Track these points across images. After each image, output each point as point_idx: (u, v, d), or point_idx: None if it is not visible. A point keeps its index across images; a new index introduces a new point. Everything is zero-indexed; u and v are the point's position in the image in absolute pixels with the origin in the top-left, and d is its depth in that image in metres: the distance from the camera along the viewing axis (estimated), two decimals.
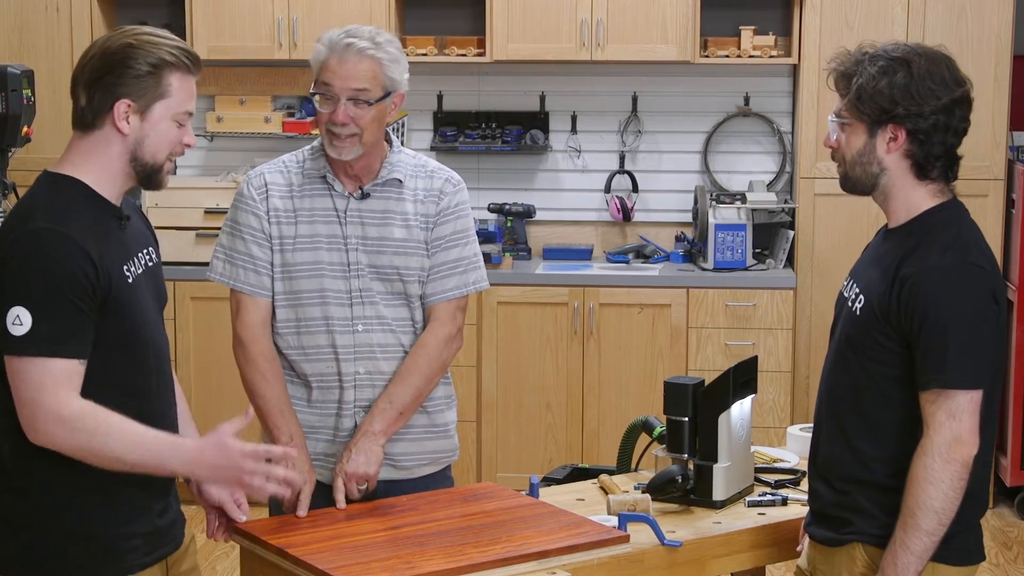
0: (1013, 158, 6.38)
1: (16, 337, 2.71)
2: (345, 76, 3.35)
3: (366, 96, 3.36)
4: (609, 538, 3.10)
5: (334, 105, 3.36)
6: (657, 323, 6.19)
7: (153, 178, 2.93)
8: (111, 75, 2.82)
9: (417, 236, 3.48)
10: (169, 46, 2.86)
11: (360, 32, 3.44)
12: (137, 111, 2.84)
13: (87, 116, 2.85)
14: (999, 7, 6.19)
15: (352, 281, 3.45)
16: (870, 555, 2.97)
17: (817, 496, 3.09)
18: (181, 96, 2.88)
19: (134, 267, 2.90)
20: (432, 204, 3.50)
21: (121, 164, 2.88)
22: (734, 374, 3.41)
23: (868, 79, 2.90)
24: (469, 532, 3.12)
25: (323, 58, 3.39)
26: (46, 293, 2.72)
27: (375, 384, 3.47)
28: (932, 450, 2.84)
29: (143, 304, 2.91)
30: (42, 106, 6.10)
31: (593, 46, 6.28)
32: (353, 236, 3.45)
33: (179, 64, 2.86)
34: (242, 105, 6.65)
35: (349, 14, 6.36)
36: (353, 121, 3.36)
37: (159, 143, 2.88)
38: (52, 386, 2.72)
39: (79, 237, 2.76)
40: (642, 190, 6.69)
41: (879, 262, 2.98)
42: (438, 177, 3.53)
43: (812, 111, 6.29)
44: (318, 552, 2.98)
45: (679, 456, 3.41)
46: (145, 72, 2.82)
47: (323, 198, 3.47)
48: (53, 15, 6.49)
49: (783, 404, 6.23)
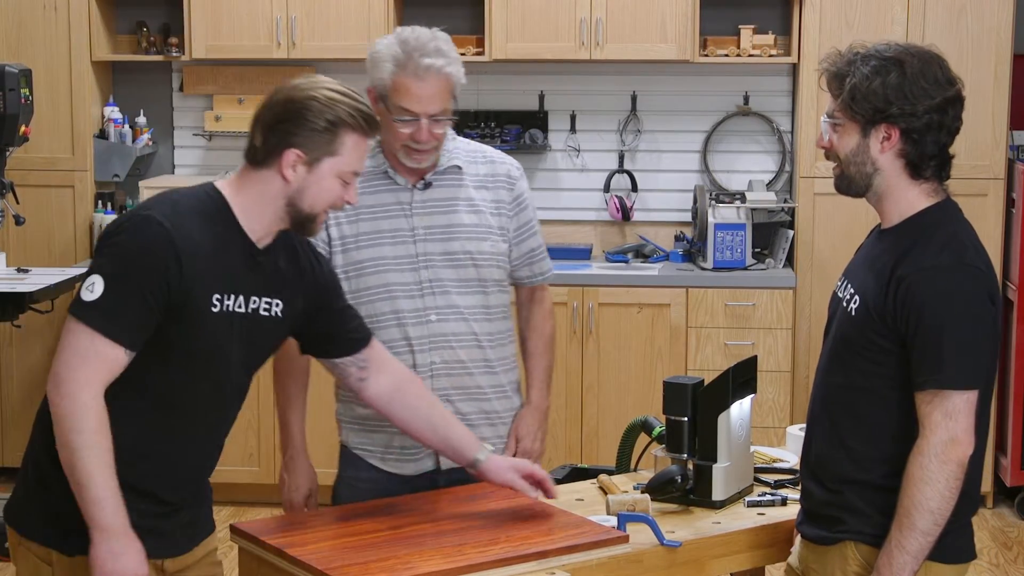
0: (1013, 157, 6.38)
1: (84, 301, 2.76)
2: (428, 100, 3.38)
3: (446, 113, 3.42)
4: (608, 538, 3.09)
5: (414, 127, 3.39)
6: (656, 323, 6.19)
7: (306, 226, 2.96)
8: (289, 123, 2.87)
9: (488, 221, 3.55)
10: (350, 106, 2.89)
11: (425, 46, 3.43)
12: (306, 162, 2.88)
13: (258, 155, 2.90)
14: (999, 6, 6.18)
15: (421, 272, 3.50)
16: (863, 554, 2.96)
17: (809, 495, 3.08)
18: (352, 157, 2.92)
19: (233, 303, 2.90)
20: (504, 190, 3.58)
21: (276, 206, 2.91)
22: (733, 374, 3.40)
23: (861, 79, 2.89)
24: (468, 532, 3.11)
25: (393, 77, 3.41)
26: (124, 274, 2.76)
27: (452, 373, 3.53)
28: (928, 450, 2.83)
29: (218, 338, 2.89)
30: (39, 105, 6.11)
31: (592, 45, 6.27)
32: (420, 227, 3.50)
33: (356, 126, 2.90)
34: (240, 104, 6.65)
35: (348, 13, 6.36)
36: (435, 138, 3.42)
37: (319, 196, 2.92)
38: (91, 365, 2.75)
39: (179, 238, 2.79)
40: (641, 189, 6.69)
41: (874, 263, 2.97)
42: (500, 163, 3.61)
43: (812, 110, 6.28)
44: (316, 552, 2.97)
45: (678, 456, 3.41)
46: (322, 127, 2.87)
47: (385, 193, 3.51)
48: (51, 14, 6.48)
49: (782, 404, 6.22)
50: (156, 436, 2.89)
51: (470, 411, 3.58)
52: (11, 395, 6.62)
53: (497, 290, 3.60)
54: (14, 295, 5.49)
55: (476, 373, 3.58)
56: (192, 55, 6.47)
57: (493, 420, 3.64)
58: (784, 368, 6.22)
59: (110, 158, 6.53)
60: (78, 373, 2.74)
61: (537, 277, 3.71)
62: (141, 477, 2.87)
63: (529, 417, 3.68)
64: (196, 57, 6.49)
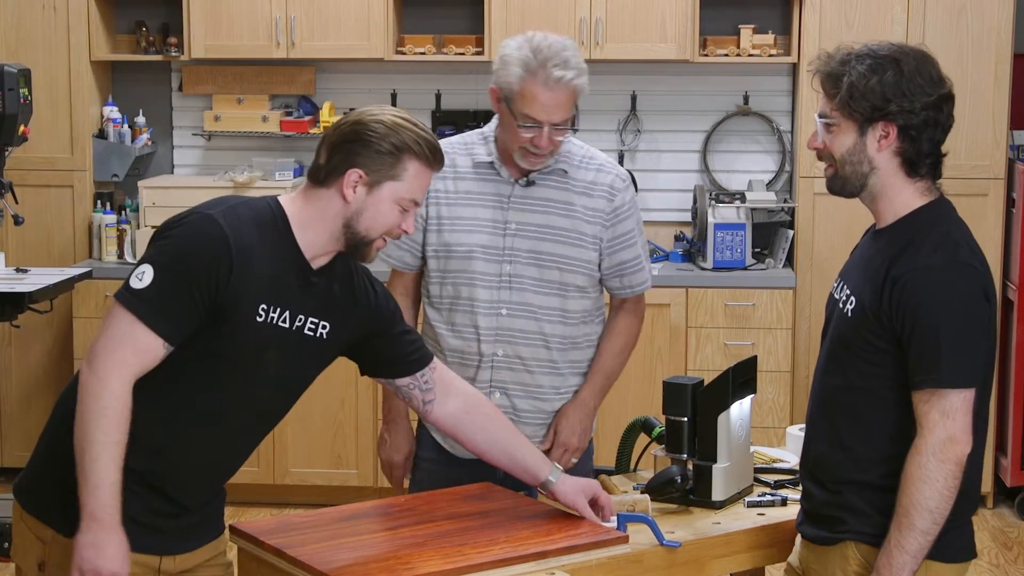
0: (1013, 157, 6.38)
1: (132, 288, 2.77)
2: (554, 109, 3.42)
3: (568, 123, 3.47)
4: (608, 539, 3.09)
5: (537, 133, 3.44)
6: (656, 323, 6.18)
7: (361, 249, 2.96)
8: (355, 143, 2.88)
9: (583, 228, 3.59)
10: (418, 135, 2.91)
11: (557, 55, 3.43)
12: (367, 184, 2.88)
13: (321, 174, 2.91)
14: (999, 6, 6.18)
15: (504, 266, 3.56)
16: (863, 554, 2.96)
17: (809, 496, 3.08)
18: (413, 184, 2.92)
19: (278, 316, 2.90)
20: (603, 200, 3.60)
21: (334, 227, 2.91)
22: (733, 374, 3.40)
23: (859, 77, 2.90)
24: (468, 533, 3.11)
25: (520, 84, 3.42)
26: (175, 267, 2.77)
27: (512, 368, 3.59)
28: (926, 449, 2.83)
29: (256, 347, 2.89)
30: (39, 105, 6.10)
31: (592, 45, 6.27)
32: (514, 222, 3.56)
33: (420, 154, 2.90)
34: (240, 104, 6.64)
35: (347, 13, 6.36)
36: (555, 144, 3.48)
37: (376, 220, 2.91)
38: (128, 352, 2.76)
39: (236, 241, 2.80)
40: (641, 189, 6.67)
41: (869, 263, 2.97)
42: (607, 172, 3.62)
43: (812, 110, 6.18)
44: (316, 553, 2.96)
45: (678, 456, 3.40)
46: (386, 150, 2.88)
47: (488, 183, 3.58)
48: (50, 14, 6.48)
49: (782, 404, 6.22)
50: (175, 435, 2.89)
51: (526, 408, 3.64)
52: (10, 395, 6.61)
53: (579, 295, 3.63)
54: (13, 295, 5.48)
55: (537, 372, 3.63)
56: (191, 55, 6.47)
57: (549, 420, 3.68)
58: (784, 368, 6.21)
59: (109, 158, 6.53)
60: (113, 357, 2.75)
61: (627, 289, 3.72)
62: (153, 472, 2.87)
63: (572, 411, 3.69)
64: (195, 57, 6.48)
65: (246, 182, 6.38)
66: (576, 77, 3.43)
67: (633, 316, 3.77)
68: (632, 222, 3.66)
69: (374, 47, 6.37)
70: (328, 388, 6.24)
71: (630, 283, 3.72)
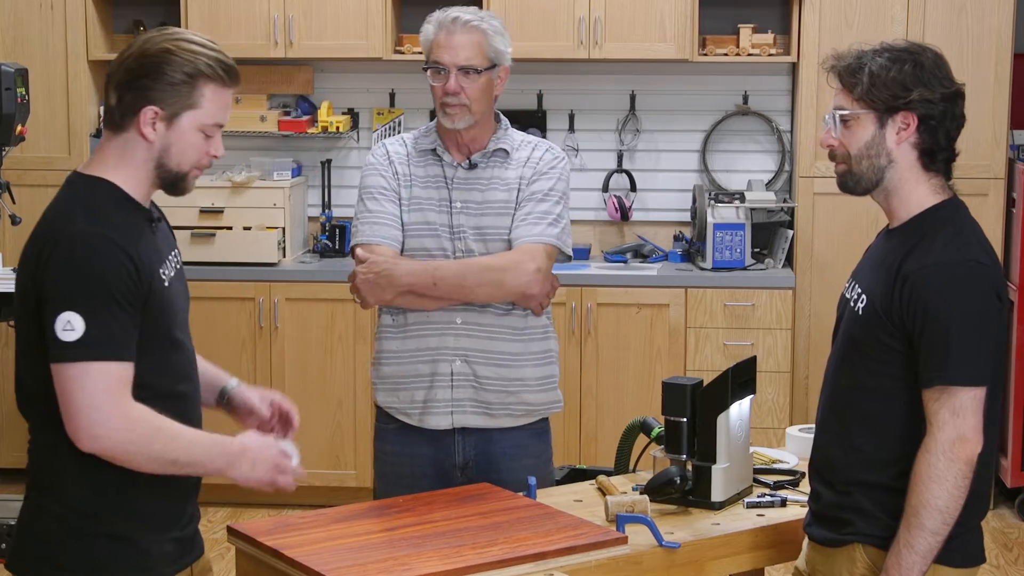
0: (1013, 157, 6.36)
1: (69, 343, 2.66)
2: (454, 49, 3.61)
3: (474, 65, 3.62)
4: (607, 539, 3.09)
5: (445, 79, 3.62)
6: (655, 323, 6.17)
7: (177, 185, 2.87)
8: (145, 79, 2.77)
9: (514, 198, 3.70)
10: (208, 56, 2.80)
11: (464, 9, 3.67)
12: (164, 119, 2.78)
13: (115, 116, 2.81)
14: (999, 5, 6.17)
15: (456, 242, 3.67)
16: (871, 556, 2.95)
17: (818, 497, 3.07)
18: (212, 108, 2.82)
19: (167, 270, 2.87)
20: (531, 168, 3.73)
21: (147, 170, 2.83)
22: (733, 374, 3.39)
23: (879, 68, 2.91)
24: (466, 533, 3.11)
25: (431, 36, 3.65)
26: (96, 297, 2.67)
27: (472, 334, 3.65)
28: (936, 448, 2.82)
29: (177, 308, 2.89)
30: (36, 105, 6.09)
31: (591, 44, 6.25)
32: (458, 201, 3.68)
33: (215, 76, 2.80)
34: (237, 103, 6.60)
35: (345, 12, 6.35)
36: (463, 91, 3.62)
37: (184, 152, 2.82)
38: (114, 389, 2.68)
39: (121, 239, 2.73)
40: (640, 189, 6.67)
41: (881, 262, 2.97)
42: (541, 147, 3.77)
43: (811, 109, 6.27)
44: (313, 554, 2.96)
45: (677, 457, 3.40)
46: (179, 80, 2.77)
47: (433, 167, 3.72)
48: (48, 13, 6.47)
49: (782, 405, 6.20)
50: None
51: (489, 376, 3.67)
52: (7, 395, 6.60)
53: None
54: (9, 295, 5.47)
55: (497, 338, 3.67)
56: None
57: (511, 387, 3.69)
58: (783, 369, 6.20)
59: None
60: (107, 404, 2.67)
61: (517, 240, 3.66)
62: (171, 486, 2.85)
63: None
64: None
65: (244, 182, 6.36)
66: (476, 20, 3.63)
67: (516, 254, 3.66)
68: (548, 181, 3.69)
69: (372, 46, 6.35)
70: (326, 389, 6.23)
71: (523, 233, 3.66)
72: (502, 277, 3.60)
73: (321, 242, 6.59)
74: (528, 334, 3.71)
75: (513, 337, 3.68)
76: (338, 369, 6.24)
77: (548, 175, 3.71)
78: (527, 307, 3.68)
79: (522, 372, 3.70)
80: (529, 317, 3.71)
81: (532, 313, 3.70)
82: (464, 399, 3.66)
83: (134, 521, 2.82)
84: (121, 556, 2.81)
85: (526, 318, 3.70)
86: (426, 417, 3.68)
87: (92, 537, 2.80)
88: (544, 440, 3.81)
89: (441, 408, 3.67)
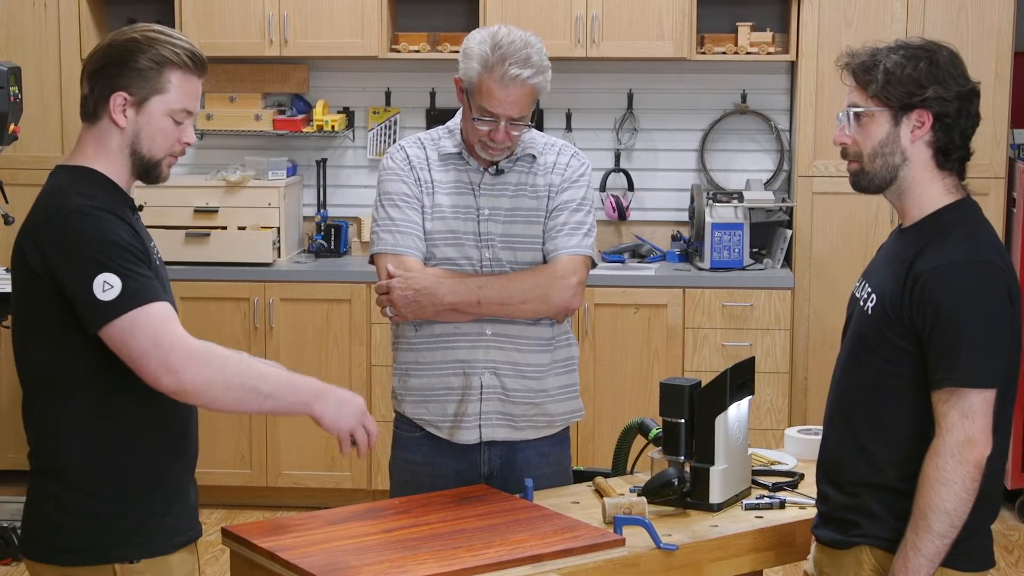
0: (1014, 156, 6.35)
1: (112, 301, 2.74)
2: (509, 105, 3.47)
3: (525, 119, 3.52)
4: (604, 542, 3.08)
5: (494, 126, 3.49)
6: (653, 323, 6.15)
7: (150, 172, 2.95)
8: (114, 67, 2.87)
9: (544, 206, 3.62)
10: (174, 45, 2.91)
11: (516, 54, 3.49)
12: (133, 104, 2.87)
13: (89, 106, 2.90)
14: (999, 3, 6.16)
15: (483, 251, 3.58)
16: (877, 558, 2.94)
17: (826, 499, 3.05)
18: (179, 94, 2.91)
19: (157, 254, 2.96)
20: (559, 175, 3.64)
21: (123, 156, 2.91)
22: (731, 375, 3.38)
23: (895, 65, 2.89)
24: (462, 535, 3.09)
25: (480, 79, 3.49)
26: (118, 255, 2.76)
27: (503, 346, 3.57)
28: (944, 450, 2.80)
29: (170, 295, 2.94)
30: (29, 104, 6.06)
31: (588, 43, 6.23)
32: (486, 207, 3.60)
33: (181, 63, 2.90)
34: (232, 103, 6.62)
35: (340, 11, 6.33)
36: (511, 139, 3.52)
37: (154, 137, 2.90)
38: (170, 325, 2.77)
39: (119, 212, 2.83)
40: (638, 189, 6.65)
41: (892, 261, 2.95)
42: (566, 152, 3.69)
43: (810, 108, 6.24)
44: (308, 555, 2.95)
45: (675, 458, 3.39)
46: (146, 67, 2.87)
47: (458, 172, 3.62)
48: (41, 12, 6.46)
49: (781, 406, 6.18)
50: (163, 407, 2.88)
51: (517, 388, 3.60)
52: (1, 396, 6.57)
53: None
54: (2, 295, 5.44)
55: (527, 350, 3.60)
56: None
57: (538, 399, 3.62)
58: (782, 369, 6.18)
59: None
60: (168, 340, 2.74)
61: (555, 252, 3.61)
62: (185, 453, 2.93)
63: None
64: None
65: (239, 181, 6.34)
66: (533, 76, 3.48)
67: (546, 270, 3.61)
68: (577, 191, 3.64)
69: (368, 45, 6.33)
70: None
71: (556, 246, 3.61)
72: (547, 292, 3.54)
73: (316, 242, 6.57)
74: (554, 343, 3.64)
75: (541, 348, 3.62)
76: (333, 370, 6.21)
77: (578, 183, 3.64)
78: (561, 320, 3.64)
79: (545, 383, 3.63)
80: (555, 326, 3.64)
81: (555, 321, 3.64)
82: (492, 412, 3.59)
83: (133, 498, 2.86)
84: (118, 532, 2.85)
85: (552, 327, 3.63)
86: (456, 432, 3.59)
87: (90, 516, 2.84)
88: (564, 448, 3.74)
89: (471, 422, 3.58)
